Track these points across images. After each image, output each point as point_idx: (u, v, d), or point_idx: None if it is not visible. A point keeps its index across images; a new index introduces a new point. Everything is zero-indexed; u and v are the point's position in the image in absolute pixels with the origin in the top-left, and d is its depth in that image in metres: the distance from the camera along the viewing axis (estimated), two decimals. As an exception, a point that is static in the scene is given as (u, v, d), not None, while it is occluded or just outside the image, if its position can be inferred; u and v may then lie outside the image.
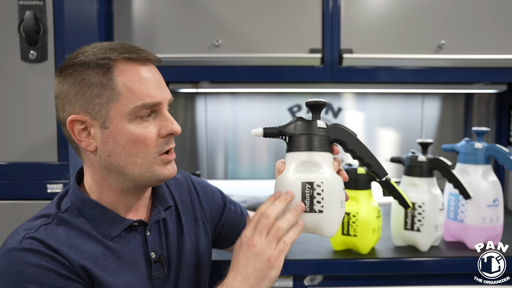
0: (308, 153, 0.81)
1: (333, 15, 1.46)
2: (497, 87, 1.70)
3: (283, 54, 1.47)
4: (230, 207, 1.09)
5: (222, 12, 1.47)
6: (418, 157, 1.26)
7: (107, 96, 0.77)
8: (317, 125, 0.82)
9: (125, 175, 0.80)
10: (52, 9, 1.14)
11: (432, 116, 1.92)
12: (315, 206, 0.79)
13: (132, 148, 0.78)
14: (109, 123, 0.77)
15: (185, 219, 0.96)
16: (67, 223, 0.80)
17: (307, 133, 0.81)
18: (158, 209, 0.89)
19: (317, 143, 0.81)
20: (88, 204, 0.82)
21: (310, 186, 0.79)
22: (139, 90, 0.78)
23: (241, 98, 1.90)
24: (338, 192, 0.80)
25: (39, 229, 0.77)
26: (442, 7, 1.47)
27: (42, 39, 1.14)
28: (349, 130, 0.84)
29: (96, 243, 0.80)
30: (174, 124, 0.81)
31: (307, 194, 0.79)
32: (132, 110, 0.77)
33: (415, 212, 1.24)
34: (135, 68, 0.79)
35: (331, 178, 0.80)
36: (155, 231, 0.88)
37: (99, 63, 0.77)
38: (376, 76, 1.50)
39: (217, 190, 1.10)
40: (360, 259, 1.21)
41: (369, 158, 0.83)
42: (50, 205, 0.84)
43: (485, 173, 1.29)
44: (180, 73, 1.50)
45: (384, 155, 1.85)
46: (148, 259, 0.85)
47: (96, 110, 0.77)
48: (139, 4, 1.47)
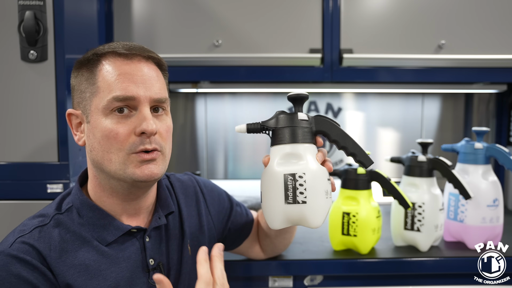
0: (290, 145, 0.82)
1: (333, 15, 1.46)
2: (497, 87, 1.70)
3: (283, 54, 1.47)
4: (236, 210, 1.08)
5: (222, 12, 1.47)
6: (418, 157, 1.26)
7: (90, 91, 0.78)
8: (299, 117, 0.82)
9: (105, 172, 0.79)
10: (52, 9, 1.14)
11: (432, 116, 1.92)
12: (298, 197, 0.79)
13: (106, 144, 0.76)
14: (90, 118, 0.78)
15: (189, 225, 0.94)
16: (63, 225, 0.79)
17: (289, 125, 0.82)
18: (159, 215, 0.88)
19: (299, 135, 0.82)
20: (87, 207, 0.81)
21: (292, 177, 0.79)
22: (113, 84, 0.76)
23: (241, 98, 1.90)
24: (322, 183, 0.80)
25: (33, 231, 0.77)
26: (442, 7, 1.47)
27: (42, 39, 1.14)
28: (331, 121, 0.84)
29: (90, 249, 0.79)
30: (148, 123, 0.75)
31: (290, 185, 0.80)
32: (105, 104, 0.76)
33: (415, 212, 1.24)
34: (118, 62, 0.78)
35: (314, 169, 0.80)
36: (155, 237, 0.86)
37: (90, 58, 0.79)
38: (376, 76, 1.50)
39: (224, 192, 1.09)
40: (360, 259, 1.21)
41: (353, 147, 0.84)
42: (51, 204, 0.84)
43: (485, 173, 1.29)
44: (180, 73, 1.50)
45: (384, 155, 1.86)
46: (146, 266, 0.83)
47: (83, 104, 0.79)
48: (139, 4, 1.47)
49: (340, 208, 1.24)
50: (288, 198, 0.80)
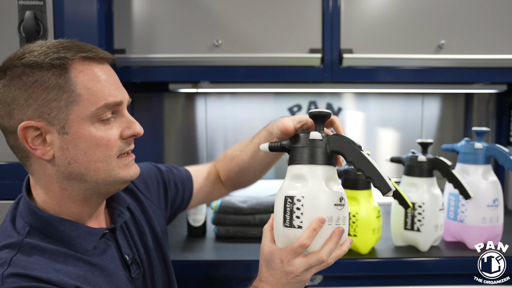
0: (298, 166, 0.80)
1: (333, 15, 1.46)
2: (497, 87, 1.70)
3: (283, 54, 1.47)
4: (170, 180, 1.08)
5: (222, 12, 1.47)
6: (418, 157, 1.26)
7: (66, 99, 0.71)
8: (310, 137, 0.79)
9: (87, 182, 0.75)
10: (52, 9, 1.14)
11: (432, 116, 1.92)
12: (294, 221, 0.77)
13: (95, 153, 0.74)
14: (69, 128, 0.72)
15: (139, 216, 0.94)
16: (37, 248, 0.72)
17: (300, 145, 0.80)
18: (120, 210, 0.86)
19: (306, 156, 0.79)
20: (55, 223, 0.75)
21: (291, 200, 0.77)
22: (100, 91, 0.74)
23: (241, 98, 1.90)
24: (323, 208, 0.76)
25: (12, 262, 0.68)
26: (442, 7, 1.47)
27: (42, 39, 1.13)
28: (348, 141, 0.78)
29: (76, 261, 0.75)
30: (137, 125, 0.78)
31: (288, 208, 0.78)
32: (94, 112, 0.73)
33: (415, 212, 1.24)
34: (92, 67, 0.74)
35: (314, 193, 0.77)
36: (121, 233, 0.86)
37: (54, 63, 0.71)
38: (376, 76, 1.50)
39: (153, 171, 1.06)
40: (360, 259, 1.21)
41: (370, 171, 0.76)
42: (6, 229, 0.75)
43: (485, 173, 1.29)
44: (180, 73, 1.50)
45: (384, 155, 1.85)
46: (125, 263, 0.83)
47: (53, 114, 0.71)
48: (139, 4, 1.47)
49: (340, 208, 1.24)
50: (285, 221, 0.78)
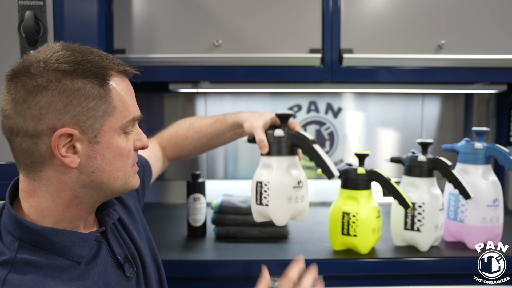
0: (265, 157, 1.07)
1: (333, 15, 1.46)
2: (497, 87, 1.70)
3: (283, 54, 1.47)
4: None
5: (222, 12, 1.47)
6: (418, 157, 1.26)
7: (104, 109, 0.73)
8: (274, 134, 1.05)
9: (104, 190, 0.77)
10: (52, 9, 1.14)
11: (432, 116, 1.92)
12: (262, 200, 1.05)
13: (118, 163, 0.76)
14: (101, 138, 0.73)
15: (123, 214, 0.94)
16: (31, 265, 0.69)
17: (268, 141, 1.05)
18: (108, 211, 0.86)
19: (273, 149, 1.05)
20: (48, 234, 0.72)
21: (260, 184, 1.05)
22: (131, 104, 0.77)
23: (241, 98, 1.90)
24: (284, 191, 1.03)
25: (6, 281, 0.65)
26: (442, 7, 1.47)
27: (42, 39, 1.14)
28: (303, 137, 1.04)
29: (72, 270, 0.73)
30: (146, 138, 0.83)
31: (258, 190, 1.06)
32: (123, 124, 0.76)
33: (415, 212, 1.24)
34: (125, 81, 0.78)
35: (277, 179, 1.04)
36: (111, 234, 0.86)
37: (98, 72, 0.72)
38: (376, 76, 1.50)
39: None
40: (360, 259, 1.21)
41: (317, 160, 1.04)
42: None
43: (485, 173, 1.29)
44: (180, 73, 1.50)
45: (384, 155, 1.86)
46: (118, 263, 0.83)
47: (88, 123, 0.72)
48: (139, 4, 1.47)
49: (340, 208, 1.24)
50: (257, 200, 1.06)
